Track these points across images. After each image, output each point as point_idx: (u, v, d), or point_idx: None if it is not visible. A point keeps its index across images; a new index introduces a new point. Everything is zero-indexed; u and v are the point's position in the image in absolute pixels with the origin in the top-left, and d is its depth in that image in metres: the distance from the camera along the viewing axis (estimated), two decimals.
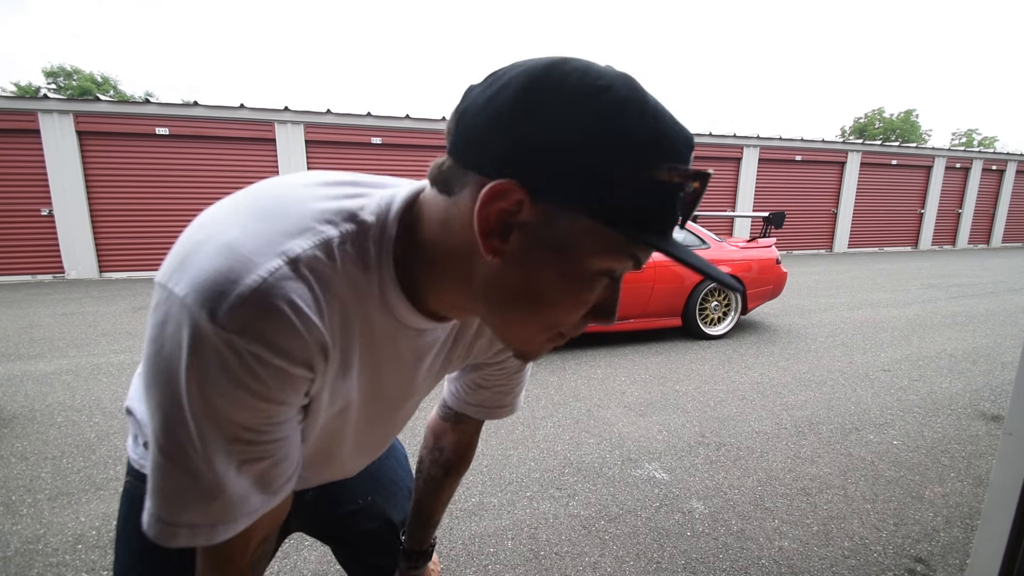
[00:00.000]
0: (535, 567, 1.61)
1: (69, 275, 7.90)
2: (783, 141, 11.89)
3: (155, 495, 0.40)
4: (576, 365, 3.63)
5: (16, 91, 21.95)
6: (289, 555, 1.65)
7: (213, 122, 8.14)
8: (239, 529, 0.43)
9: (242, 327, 0.34)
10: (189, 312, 0.34)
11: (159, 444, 0.38)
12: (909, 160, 13.17)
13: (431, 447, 0.77)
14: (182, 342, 0.35)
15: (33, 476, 2.13)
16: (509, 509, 1.92)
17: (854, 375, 3.43)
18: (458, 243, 0.39)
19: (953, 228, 14.28)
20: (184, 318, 0.34)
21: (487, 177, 0.36)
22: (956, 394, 3.10)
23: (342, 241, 0.39)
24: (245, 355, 0.35)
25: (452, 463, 0.76)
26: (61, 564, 1.61)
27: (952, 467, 2.24)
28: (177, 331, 0.35)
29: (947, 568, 1.60)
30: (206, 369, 0.35)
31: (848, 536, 1.76)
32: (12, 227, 7.65)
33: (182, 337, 0.34)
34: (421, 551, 0.82)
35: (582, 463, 2.26)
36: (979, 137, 34.55)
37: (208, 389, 0.36)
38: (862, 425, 2.65)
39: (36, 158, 7.53)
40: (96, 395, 3.05)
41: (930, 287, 7.10)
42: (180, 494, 0.40)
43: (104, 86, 26.11)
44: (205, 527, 0.41)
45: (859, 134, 31.41)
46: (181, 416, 0.37)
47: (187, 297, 0.34)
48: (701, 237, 4.47)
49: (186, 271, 0.35)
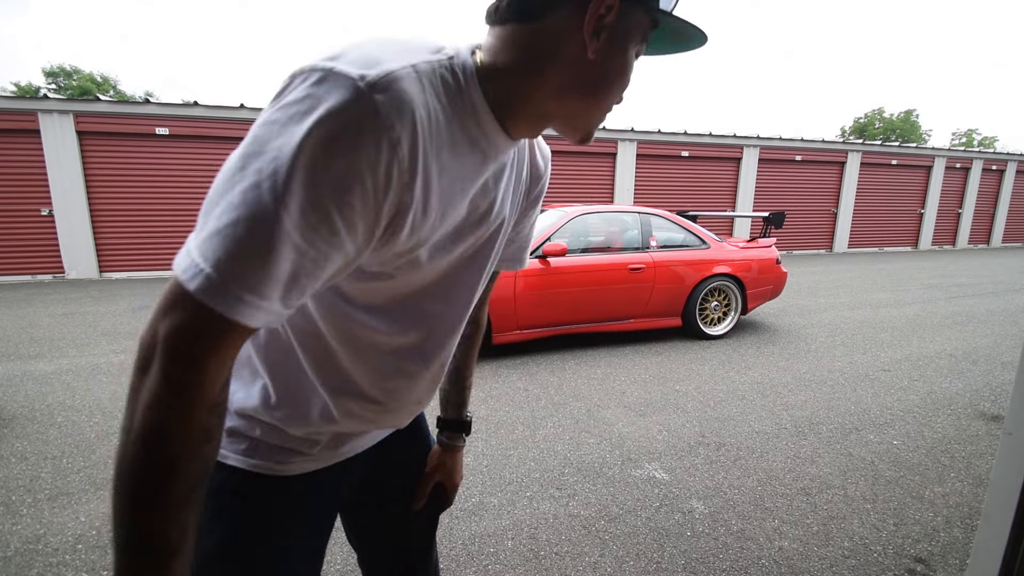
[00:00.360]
0: (535, 567, 1.61)
1: (69, 275, 7.91)
2: (783, 141, 11.90)
3: (213, 240, 0.37)
4: (576, 365, 3.63)
5: (16, 91, 21.96)
6: None
7: (213, 122, 8.15)
8: (255, 324, 0.40)
9: (383, 94, 0.40)
10: (341, 74, 0.39)
11: (238, 182, 0.38)
12: (909, 160, 13.18)
13: None
14: (324, 96, 0.38)
15: (33, 476, 2.13)
16: (509, 509, 1.92)
17: (854, 375, 3.43)
18: (548, 56, 0.48)
19: (953, 228, 14.28)
20: (335, 78, 0.39)
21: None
22: (956, 394, 3.10)
23: (440, 66, 0.47)
24: (378, 128, 0.39)
25: (479, 319, 0.85)
26: (61, 564, 1.61)
27: (952, 467, 2.23)
28: (320, 86, 0.39)
29: (947, 568, 1.60)
30: (341, 129, 0.38)
31: (848, 536, 1.76)
32: (12, 227, 7.65)
33: (324, 92, 0.39)
34: (461, 420, 0.88)
35: (582, 463, 2.26)
36: (979, 137, 34.55)
37: (335, 149, 0.38)
38: (862, 425, 2.65)
39: (36, 158, 7.53)
40: (96, 395, 3.05)
41: (930, 287, 7.10)
42: (237, 245, 0.37)
43: (104, 86, 26.12)
44: (248, 297, 0.38)
45: (859, 134, 31.42)
46: (288, 171, 0.37)
47: (338, 64, 0.40)
48: (701, 237, 4.47)
49: (334, 59, 0.41)
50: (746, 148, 11.61)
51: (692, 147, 11.18)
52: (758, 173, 11.83)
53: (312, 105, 0.38)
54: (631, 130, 10.61)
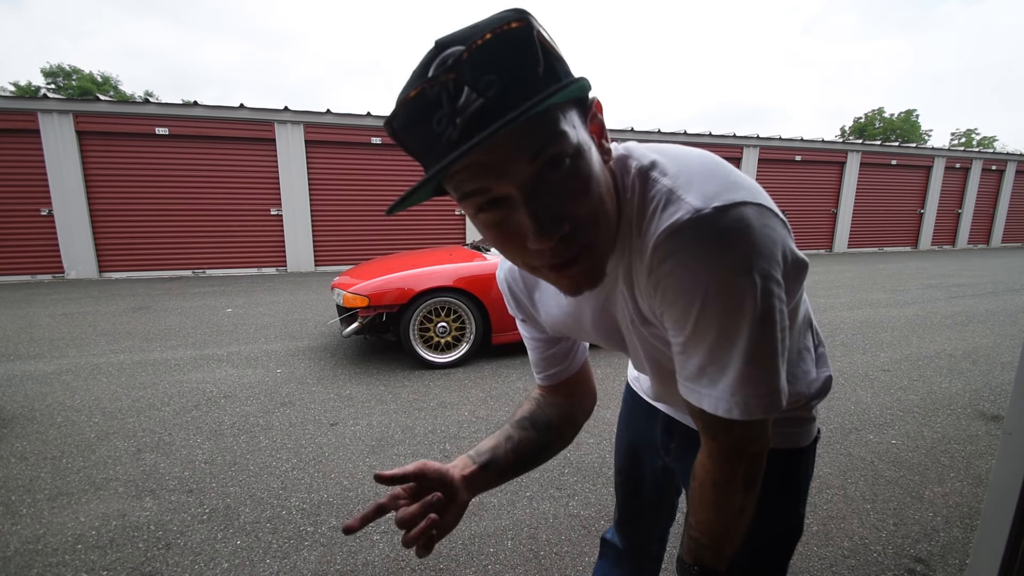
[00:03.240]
0: (535, 567, 1.61)
1: (69, 275, 7.90)
2: (783, 141, 11.90)
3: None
4: None
5: (16, 91, 21.97)
6: (289, 555, 1.65)
7: (213, 122, 8.14)
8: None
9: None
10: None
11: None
12: (909, 160, 13.18)
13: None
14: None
15: (33, 476, 2.13)
16: (509, 509, 1.92)
17: (854, 375, 3.43)
18: None
19: (953, 228, 14.28)
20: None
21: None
22: (956, 394, 3.10)
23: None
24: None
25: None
26: (61, 564, 1.61)
27: (952, 467, 2.23)
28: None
29: (947, 568, 1.60)
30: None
31: (848, 536, 1.76)
32: (12, 227, 7.65)
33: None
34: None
35: (582, 463, 2.26)
36: (978, 137, 34.55)
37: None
38: (862, 425, 2.65)
39: (36, 158, 7.53)
40: (96, 395, 3.05)
41: (930, 287, 7.10)
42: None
43: (104, 86, 26.11)
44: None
45: (859, 134, 31.41)
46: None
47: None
48: None
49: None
50: (746, 148, 11.61)
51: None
52: (758, 173, 11.83)
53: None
54: (631, 130, 10.61)
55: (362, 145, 9.00)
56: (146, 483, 2.08)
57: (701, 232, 0.44)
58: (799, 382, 0.68)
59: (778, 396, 0.49)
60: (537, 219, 0.42)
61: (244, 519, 1.84)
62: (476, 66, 0.36)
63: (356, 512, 1.90)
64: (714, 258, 0.44)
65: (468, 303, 3.60)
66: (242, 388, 3.17)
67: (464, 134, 0.37)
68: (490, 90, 0.36)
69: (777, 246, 0.46)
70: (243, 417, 2.74)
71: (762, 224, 0.45)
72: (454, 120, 0.37)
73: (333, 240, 9.20)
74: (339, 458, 2.30)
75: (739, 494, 0.55)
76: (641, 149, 0.54)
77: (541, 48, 0.38)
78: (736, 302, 0.45)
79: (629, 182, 0.51)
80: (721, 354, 0.48)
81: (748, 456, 0.53)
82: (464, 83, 0.36)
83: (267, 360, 3.73)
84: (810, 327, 0.71)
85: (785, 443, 0.70)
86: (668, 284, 0.48)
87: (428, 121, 0.38)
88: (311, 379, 3.34)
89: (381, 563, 1.62)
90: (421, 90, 0.38)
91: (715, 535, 0.57)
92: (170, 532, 1.77)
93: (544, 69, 0.38)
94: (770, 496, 0.60)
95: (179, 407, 2.87)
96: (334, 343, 4.19)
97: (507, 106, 0.36)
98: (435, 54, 0.38)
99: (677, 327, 0.50)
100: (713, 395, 0.50)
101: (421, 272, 3.59)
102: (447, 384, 3.26)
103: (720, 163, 0.51)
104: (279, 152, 8.51)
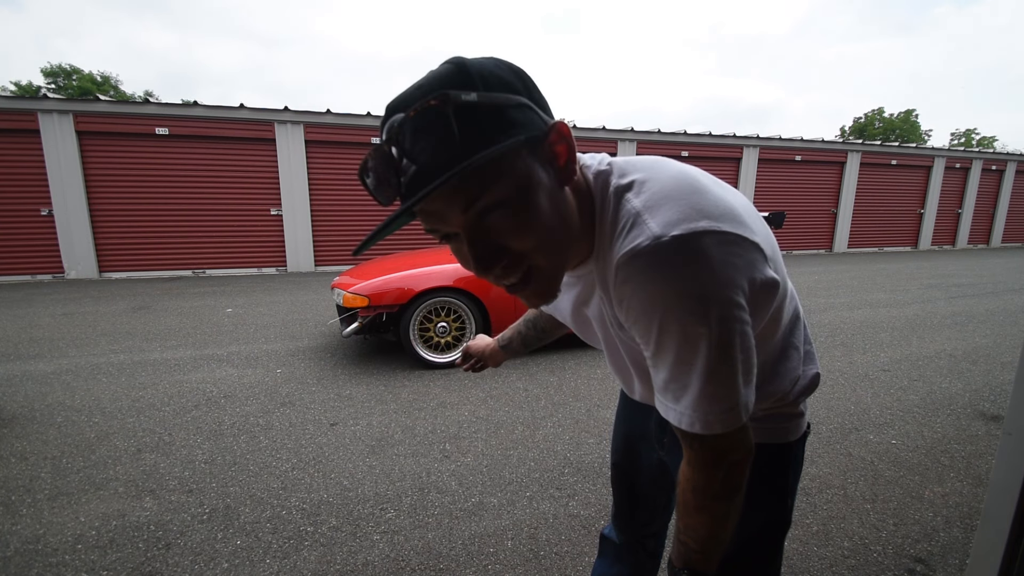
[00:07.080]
0: (535, 567, 1.61)
1: (69, 275, 7.90)
2: (783, 141, 11.90)
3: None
4: (576, 365, 3.63)
5: (16, 91, 21.97)
6: (289, 555, 1.65)
7: (213, 122, 8.14)
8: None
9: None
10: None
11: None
12: (909, 160, 13.18)
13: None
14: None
15: (33, 476, 2.13)
16: (509, 509, 1.92)
17: (854, 375, 3.43)
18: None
19: (953, 228, 14.28)
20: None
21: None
22: (956, 394, 3.10)
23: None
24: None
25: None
26: (61, 564, 1.61)
27: (952, 467, 2.23)
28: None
29: (947, 568, 1.60)
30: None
31: (848, 536, 1.76)
32: (12, 227, 7.65)
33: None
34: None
35: (582, 463, 2.26)
36: (978, 137, 34.55)
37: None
38: (862, 425, 2.65)
39: (36, 158, 7.53)
40: (96, 395, 3.05)
41: (930, 287, 7.10)
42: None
43: (104, 86, 26.10)
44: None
45: (859, 134, 31.42)
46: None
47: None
48: None
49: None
50: (746, 148, 11.61)
51: (692, 147, 11.18)
52: (758, 173, 11.83)
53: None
54: (631, 130, 10.61)
55: (362, 145, 8.99)
56: (146, 483, 2.08)
57: (656, 260, 0.47)
58: (784, 379, 0.70)
59: (736, 412, 0.51)
60: (476, 256, 0.49)
61: (244, 519, 1.84)
62: (411, 133, 0.43)
63: (356, 512, 1.90)
64: (668, 285, 0.47)
65: (468, 303, 3.60)
66: (242, 388, 3.17)
67: (408, 190, 0.45)
68: (421, 156, 0.43)
69: (740, 272, 0.48)
70: (243, 417, 2.74)
71: (723, 252, 0.47)
72: (399, 179, 0.45)
73: (333, 240, 9.19)
74: (339, 458, 2.30)
75: (721, 500, 0.56)
76: (622, 166, 0.56)
77: (464, 118, 0.42)
78: (690, 330, 0.47)
79: (608, 198, 0.54)
80: (680, 374, 0.50)
81: (727, 464, 0.54)
82: (403, 152, 0.44)
83: (267, 360, 3.73)
84: (798, 325, 0.73)
85: (773, 438, 0.73)
86: (630, 304, 0.51)
87: (388, 175, 0.46)
88: (311, 379, 3.34)
89: (381, 563, 1.62)
90: (377, 151, 0.46)
91: (701, 539, 0.58)
92: (170, 532, 1.77)
93: (462, 139, 0.42)
94: (757, 488, 0.62)
95: (179, 407, 2.87)
96: (334, 343, 4.19)
97: (437, 170, 0.42)
98: (386, 118, 0.46)
99: (643, 342, 0.54)
100: (677, 409, 0.53)
101: (421, 272, 3.59)
102: (447, 384, 3.26)
103: (696, 186, 0.52)
104: (279, 152, 8.51)
